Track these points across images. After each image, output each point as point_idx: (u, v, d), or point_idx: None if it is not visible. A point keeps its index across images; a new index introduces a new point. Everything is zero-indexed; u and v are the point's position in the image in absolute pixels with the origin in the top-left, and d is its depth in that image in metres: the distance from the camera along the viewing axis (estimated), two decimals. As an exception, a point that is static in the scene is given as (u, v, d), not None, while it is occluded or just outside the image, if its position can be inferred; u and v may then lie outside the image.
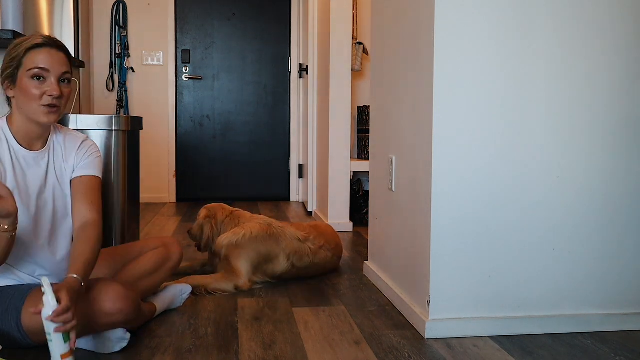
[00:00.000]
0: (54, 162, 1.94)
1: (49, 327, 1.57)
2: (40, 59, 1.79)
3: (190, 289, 2.42)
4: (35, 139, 1.89)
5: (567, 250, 2.16)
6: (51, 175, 1.92)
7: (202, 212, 2.95)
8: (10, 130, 1.85)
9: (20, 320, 1.76)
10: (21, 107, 1.82)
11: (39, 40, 1.81)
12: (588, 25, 2.12)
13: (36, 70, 1.78)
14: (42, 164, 1.90)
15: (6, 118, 1.88)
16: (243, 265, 2.66)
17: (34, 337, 1.78)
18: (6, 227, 1.62)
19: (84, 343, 1.88)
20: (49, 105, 1.80)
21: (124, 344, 1.88)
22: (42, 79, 1.80)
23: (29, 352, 1.85)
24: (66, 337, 1.59)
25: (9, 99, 1.88)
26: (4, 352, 1.73)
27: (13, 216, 1.61)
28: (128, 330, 1.90)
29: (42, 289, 1.57)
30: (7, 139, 1.84)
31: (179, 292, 2.36)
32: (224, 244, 2.73)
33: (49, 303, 1.56)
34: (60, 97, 1.81)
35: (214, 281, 2.60)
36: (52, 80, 1.80)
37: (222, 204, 3.01)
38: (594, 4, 2.12)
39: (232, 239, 2.72)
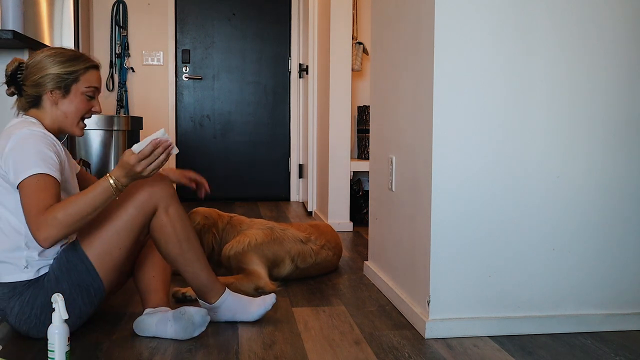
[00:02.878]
0: (66, 160, 2.05)
1: (53, 339, 1.59)
2: (95, 79, 2.00)
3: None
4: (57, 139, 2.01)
5: (567, 250, 2.16)
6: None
7: (196, 218, 2.82)
8: (44, 127, 1.94)
9: (85, 254, 1.88)
10: (60, 116, 1.96)
11: (94, 63, 2.01)
12: (588, 25, 2.12)
13: (92, 89, 1.98)
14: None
15: (33, 118, 1.95)
16: (259, 268, 2.65)
17: (100, 268, 1.90)
18: (123, 187, 1.80)
19: (168, 328, 1.97)
20: (83, 121, 2.01)
21: (204, 328, 2.00)
22: (91, 97, 1.99)
23: (28, 352, 1.86)
24: (68, 355, 1.62)
25: (34, 102, 1.96)
26: (4, 352, 1.74)
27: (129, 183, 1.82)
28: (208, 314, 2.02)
29: (54, 305, 1.60)
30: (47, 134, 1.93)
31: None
32: (230, 254, 2.70)
33: (59, 318, 1.59)
34: None
35: (236, 281, 2.56)
36: (97, 99, 2.02)
37: (215, 209, 2.91)
38: (594, 4, 2.12)
39: (237, 248, 2.70)
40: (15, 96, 1.99)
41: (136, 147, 1.73)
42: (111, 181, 1.76)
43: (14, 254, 1.86)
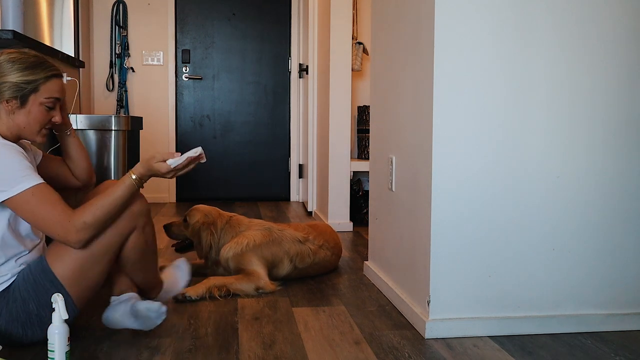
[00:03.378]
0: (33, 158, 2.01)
1: (53, 339, 1.60)
2: (56, 89, 1.87)
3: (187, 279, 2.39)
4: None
5: (567, 250, 2.16)
6: None
7: (196, 215, 2.83)
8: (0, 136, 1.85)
9: (54, 275, 1.83)
10: (18, 125, 1.85)
11: (57, 71, 1.89)
12: (588, 25, 2.12)
13: (52, 100, 1.87)
14: None
15: None
16: (259, 269, 2.66)
17: (72, 290, 1.86)
18: (144, 182, 1.90)
19: (131, 323, 2.00)
20: (47, 129, 1.91)
21: (164, 317, 2.00)
22: (50, 108, 1.88)
23: (28, 352, 1.86)
24: (68, 355, 1.63)
25: None
26: (3, 352, 1.74)
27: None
28: (163, 304, 2.01)
29: (54, 305, 1.61)
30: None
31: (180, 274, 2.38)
32: (229, 256, 2.71)
33: (59, 318, 1.60)
34: None
35: (236, 281, 2.57)
36: (58, 109, 1.91)
37: (216, 208, 2.92)
38: (594, 4, 2.12)
39: (236, 249, 2.70)
40: None
41: (172, 162, 1.85)
42: (134, 177, 1.86)
43: None
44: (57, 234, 1.78)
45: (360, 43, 4.78)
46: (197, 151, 1.84)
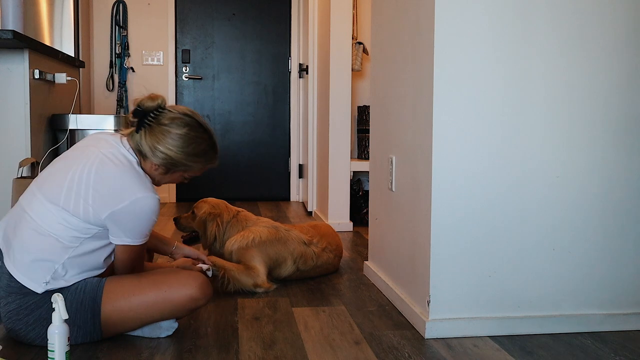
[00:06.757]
0: None
1: (53, 339, 1.60)
2: (201, 171, 2.01)
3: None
4: None
5: (567, 250, 2.16)
6: None
7: (203, 206, 2.85)
8: (144, 171, 1.94)
9: (99, 311, 1.87)
10: (154, 178, 1.97)
11: (213, 163, 2.01)
12: (588, 25, 2.12)
13: (193, 176, 2.02)
14: None
15: (138, 161, 1.93)
16: (260, 266, 2.66)
17: (106, 328, 1.90)
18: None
19: (139, 331, 2.01)
20: None
21: (170, 332, 2.03)
22: (186, 178, 2.02)
23: (28, 352, 1.86)
24: (68, 355, 1.63)
25: (141, 152, 1.91)
26: (4, 352, 1.74)
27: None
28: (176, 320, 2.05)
29: (54, 305, 1.61)
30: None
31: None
32: (233, 249, 2.71)
33: (59, 318, 1.60)
34: None
35: (236, 269, 2.58)
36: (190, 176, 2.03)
37: (224, 201, 2.93)
38: (594, 5, 2.12)
39: (241, 242, 2.71)
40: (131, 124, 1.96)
41: (204, 267, 2.39)
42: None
43: (49, 261, 1.82)
44: (122, 271, 1.97)
45: (360, 43, 4.79)
46: (208, 271, 2.40)
